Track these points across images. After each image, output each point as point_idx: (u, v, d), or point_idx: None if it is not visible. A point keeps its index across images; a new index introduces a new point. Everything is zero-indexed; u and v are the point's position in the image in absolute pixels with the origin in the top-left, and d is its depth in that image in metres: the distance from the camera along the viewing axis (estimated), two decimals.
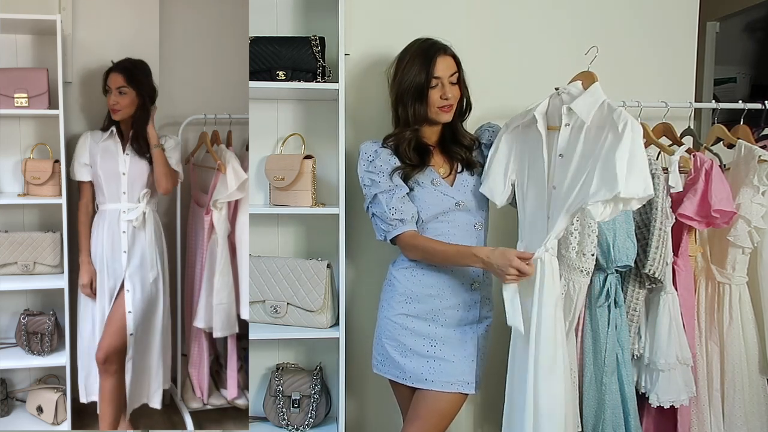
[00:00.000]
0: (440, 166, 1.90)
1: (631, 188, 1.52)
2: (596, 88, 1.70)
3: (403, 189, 1.83)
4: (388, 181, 1.83)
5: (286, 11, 2.25)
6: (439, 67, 1.80)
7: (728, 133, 2.10)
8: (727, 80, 3.32)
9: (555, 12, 2.36)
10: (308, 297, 2.11)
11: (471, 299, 1.85)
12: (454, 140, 1.91)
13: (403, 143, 1.85)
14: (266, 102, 2.26)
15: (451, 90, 1.82)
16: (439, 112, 1.83)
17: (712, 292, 2.05)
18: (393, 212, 1.80)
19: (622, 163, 1.52)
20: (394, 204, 1.80)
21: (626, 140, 1.54)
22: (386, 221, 1.82)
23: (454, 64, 1.85)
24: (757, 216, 1.96)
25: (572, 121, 1.69)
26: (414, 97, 1.81)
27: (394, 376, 1.88)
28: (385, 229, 1.83)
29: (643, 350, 1.95)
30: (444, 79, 1.81)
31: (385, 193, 1.82)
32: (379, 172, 1.84)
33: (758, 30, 3.31)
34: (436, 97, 1.81)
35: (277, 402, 2.20)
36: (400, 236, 1.82)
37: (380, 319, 1.92)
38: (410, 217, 1.81)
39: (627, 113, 1.59)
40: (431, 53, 1.81)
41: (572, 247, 1.83)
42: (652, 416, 2.02)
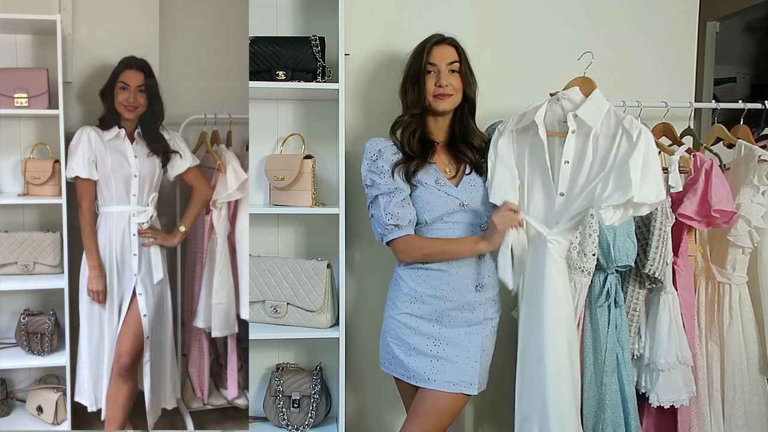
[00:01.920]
0: (445, 166, 1.89)
1: (644, 193, 1.60)
2: (599, 95, 1.74)
3: (404, 192, 1.82)
4: (389, 183, 1.82)
5: (286, 11, 2.25)
6: (434, 54, 1.83)
7: (728, 133, 2.10)
8: (727, 80, 3.32)
9: (555, 12, 2.36)
10: (308, 297, 2.11)
11: (476, 301, 1.85)
12: (464, 139, 1.90)
13: (407, 131, 1.86)
14: (266, 102, 2.26)
15: (448, 78, 1.82)
16: (435, 100, 1.83)
17: (712, 292, 2.05)
18: (389, 217, 1.81)
19: (636, 169, 1.61)
20: (391, 209, 1.80)
21: (641, 147, 1.63)
22: (382, 225, 1.82)
23: (455, 54, 1.85)
24: (757, 216, 1.96)
25: (578, 128, 1.71)
26: (412, 83, 1.85)
27: (398, 374, 1.89)
28: (381, 232, 1.84)
29: (643, 350, 1.95)
30: (440, 66, 1.82)
31: (385, 196, 1.82)
32: (380, 172, 1.84)
33: (758, 30, 3.31)
34: (431, 84, 1.82)
35: (277, 402, 2.20)
36: (395, 241, 1.83)
37: (386, 318, 1.93)
38: (407, 222, 1.81)
39: (637, 121, 1.67)
40: (428, 41, 1.85)
41: (573, 247, 1.83)
42: (652, 416, 2.02)
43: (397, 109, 1.94)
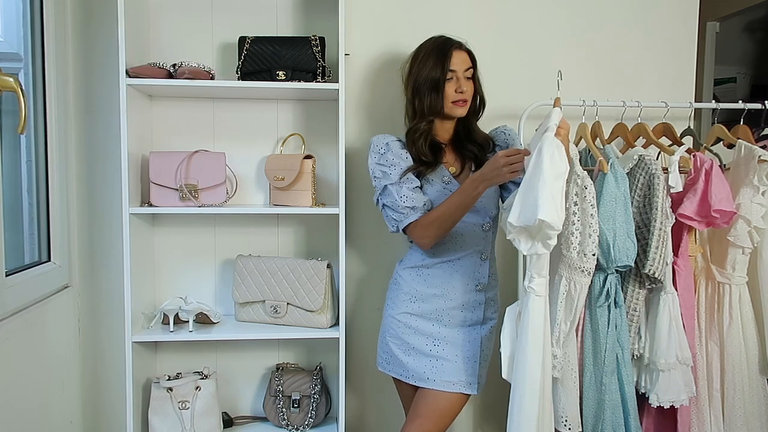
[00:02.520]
0: (451, 165, 1.90)
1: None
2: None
3: (415, 181, 1.83)
4: (399, 174, 1.82)
5: (286, 11, 2.25)
6: (454, 61, 1.82)
7: (728, 133, 2.10)
8: (727, 80, 3.32)
9: (555, 13, 2.36)
10: (308, 297, 2.11)
11: (475, 300, 1.85)
12: (468, 137, 1.91)
13: (420, 138, 1.85)
14: (266, 102, 2.26)
15: (466, 84, 1.84)
16: (454, 106, 1.84)
17: (712, 292, 2.05)
18: (404, 200, 1.79)
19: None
20: (405, 192, 1.80)
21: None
22: (397, 210, 1.80)
23: (469, 60, 1.86)
24: (757, 216, 1.96)
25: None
26: (430, 89, 1.83)
27: (397, 374, 1.89)
28: (397, 219, 1.82)
29: (643, 350, 1.94)
30: (459, 73, 1.83)
31: (396, 185, 1.82)
32: (390, 165, 1.84)
33: (758, 30, 3.31)
34: (451, 90, 1.82)
35: (277, 402, 2.20)
36: (412, 224, 1.80)
37: (385, 318, 1.93)
38: (422, 204, 1.80)
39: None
40: (447, 47, 1.84)
41: (573, 247, 1.82)
42: (652, 416, 2.02)
43: (396, 109, 1.94)
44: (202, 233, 2.29)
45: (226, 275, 2.29)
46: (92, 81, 2.21)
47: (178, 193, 2.06)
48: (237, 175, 2.22)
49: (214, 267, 2.30)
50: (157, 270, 2.27)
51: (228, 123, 2.26)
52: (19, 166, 2.01)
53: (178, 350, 2.29)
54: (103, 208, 2.24)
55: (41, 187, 2.07)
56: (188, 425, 2.08)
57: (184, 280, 2.28)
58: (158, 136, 2.23)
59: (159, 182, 2.06)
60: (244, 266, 2.18)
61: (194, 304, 2.15)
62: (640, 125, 2.07)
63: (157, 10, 2.20)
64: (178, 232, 2.28)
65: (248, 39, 2.06)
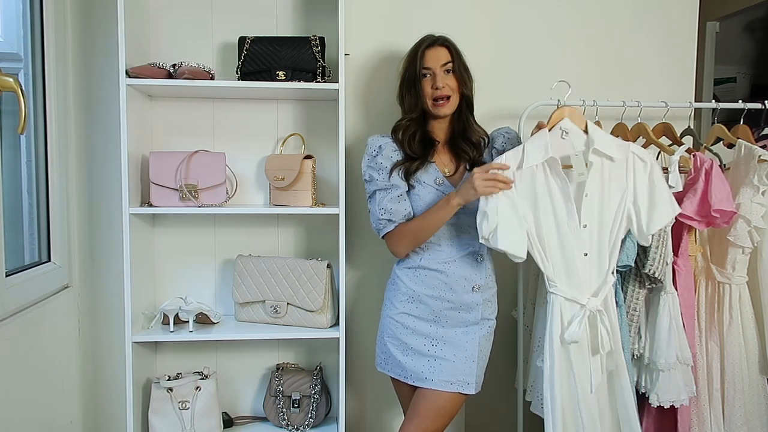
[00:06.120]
0: (445, 165, 1.90)
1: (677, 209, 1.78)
2: (596, 127, 1.79)
3: (399, 189, 1.84)
4: (385, 179, 1.84)
5: (286, 11, 2.25)
6: (427, 58, 1.84)
7: (728, 133, 2.10)
8: (727, 80, 3.32)
9: (556, 13, 2.36)
10: (308, 297, 2.11)
11: (473, 301, 1.85)
12: (463, 136, 1.90)
13: (407, 133, 1.87)
14: (266, 102, 2.26)
15: (444, 79, 1.84)
16: (435, 105, 1.84)
17: (712, 292, 2.05)
18: (382, 212, 1.83)
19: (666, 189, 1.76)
20: (385, 204, 1.83)
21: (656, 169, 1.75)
22: (377, 220, 1.85)
23: (447, 54, 1.85)
24: (757, 216, 1.96)
25: (595, 160, 1.75)
26: (407, 88, 1.87)
27: (395, 374, 1.89)
28: (376, 227, 1.87)
29: (643, 350, 1.95)
30: (435, 70, 1.84)
31: (381, 192, 1.84)
32: (379, 169, 1.85)
33: (758, 30, 3.31)
34: (428, 87, 1.84)
35: (277, 402, 2.20)
36: (387, 235, 1.86)
37: (383, 318, 1.93)
38: (401, 217, 1.83)
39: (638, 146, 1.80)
40: (420, 46, 1.87)
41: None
42: (652, 416, 2.02)
43: (396, 109, 1.94)
44: (202, 233, 2.29)
45: (226, 275, 2.29)
46: (92, 81, 2.21)
47: (178, 193, 2.06)
48: (237, 175, 2.23)
49: (214, 267, 2.30)
50: (157, 270, 2.27)
51: (228, 123, 2.26)
52: (19, 166, 2.01)
53: (178, 350, 2.29)
54: (103, 208, 2.24)
55: (41, 187, 2.07)
56: (188, 425, 2.09)
57: (184, 280, 2.28)
58: (158, 136, 2.23)
59: (159, 182, 2.06)
60: (244, 266, 2.18)
61: (194, 304, 2.15)
62: (640, 125, 2.07)
63: (157, 10, 2.20)
64: (178, 233, 2.28)
65: (248, 39, 2.06)
